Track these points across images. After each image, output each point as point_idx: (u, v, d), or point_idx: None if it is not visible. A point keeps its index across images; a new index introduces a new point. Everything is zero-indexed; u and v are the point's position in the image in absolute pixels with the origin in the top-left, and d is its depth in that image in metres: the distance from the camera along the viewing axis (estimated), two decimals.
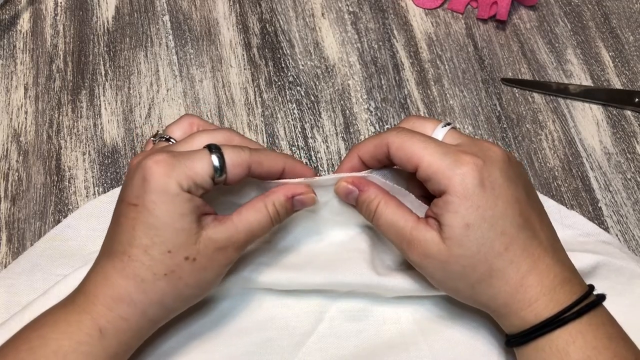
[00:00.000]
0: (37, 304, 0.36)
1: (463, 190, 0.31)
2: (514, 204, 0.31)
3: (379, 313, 0.38)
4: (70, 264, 0.39)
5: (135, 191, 0.31)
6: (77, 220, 0.41)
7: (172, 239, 0.31)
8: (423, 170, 0.32)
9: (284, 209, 0.34)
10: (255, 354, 0.37)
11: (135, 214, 0.31)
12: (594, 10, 0.50)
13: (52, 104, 0.46)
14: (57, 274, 0.39)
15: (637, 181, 0.44)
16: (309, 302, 0.38)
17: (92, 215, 0.41)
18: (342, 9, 0.50)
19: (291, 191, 0.34)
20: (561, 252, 0.33)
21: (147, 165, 0.31)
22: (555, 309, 0.31)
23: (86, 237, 0.41)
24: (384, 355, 0.37)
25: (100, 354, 0.30)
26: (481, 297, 0.33)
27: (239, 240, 0.33)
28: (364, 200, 0.35)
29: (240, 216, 0.33)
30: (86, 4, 0.50)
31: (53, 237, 0.41)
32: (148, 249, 0.31)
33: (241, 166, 0.32)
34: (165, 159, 0.31)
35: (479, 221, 0.31)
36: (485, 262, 0.31)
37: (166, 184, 0.30)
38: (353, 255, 0.38)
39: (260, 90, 0.47)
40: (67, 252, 0.40)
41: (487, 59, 0.48)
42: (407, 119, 0.36)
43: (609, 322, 0.32)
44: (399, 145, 0.33)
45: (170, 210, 0.30)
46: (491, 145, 0.33)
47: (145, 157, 0.31)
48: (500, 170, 0.31)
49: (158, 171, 0.30)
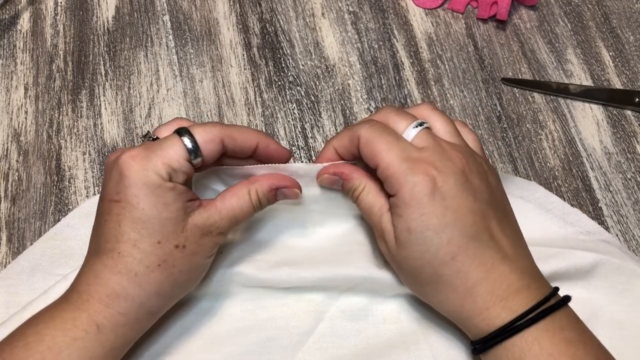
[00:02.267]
0: (37, 303, 0.36)
1: (410, 197, 0.31)
2: (466, 214, 0.31)
3: (379, 312, 0.38)
4: (70, 263, 0.39)
5: (115, 188, 0.31)
6: (76, 219, 0.41)
7: (160, 229, 0.31)
8: (381, 171, 0.33)
9: (265, 199, 0.35)
10: (256, 354, 0.37)
11: (119, 209, 0.31)
12: (594, 10, 0.50)
13: (52, 104, 0.46)
14: (57, 273, 0.39)
15: (637, 181, 0.44)
16: (309, 302, 0.38)
17: (90, 213, 0.41)
18: (342, 8, 0.50)
19: (276, 183, 0.35)
20: (524, 259, 0.33)
21: (123, 160, 0.31)
22: (508, 317, 0.31)
23: (85, 235, 0.40)
24: (384, 354, 0.37)
25: (97, 349, 0.30)
26: (431, 299, 0.34)
27: (223, 225, 0.33)
28: (350, 188, 0.35)
29: (223, 202, 0.33)
30: (86, 4, 0.50)
31: (52, 236, 0.41)
32: (137, 243, 0.31)
33: (214, 142, 0.33)
34: (139, 152, 0.31)
35: (421, 228, 0.31)
36: (430, 267, 0.32)
37: (145, 176, 0.31)
38: (353, 249, 0.39)
39: (261, 90, 0.47)
40: (67, 252, 0.40)
41: (487, 59, 0.48)
42: (384, 110, 0.36)
43: (569, 326, 0.31)
44: (366, 141, 0.33)
45: (154, 202, 0.31)
46: (455, 154, 0.33)
47: (120, 154, 0.32)
48: (456, 181, 0.32)
49: (134, 165, 0.31)
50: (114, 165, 0.31)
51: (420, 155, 0.32)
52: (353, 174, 0.35)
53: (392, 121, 0.34)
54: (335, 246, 0.39)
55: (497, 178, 0.35)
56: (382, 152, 0.32)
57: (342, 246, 0.39)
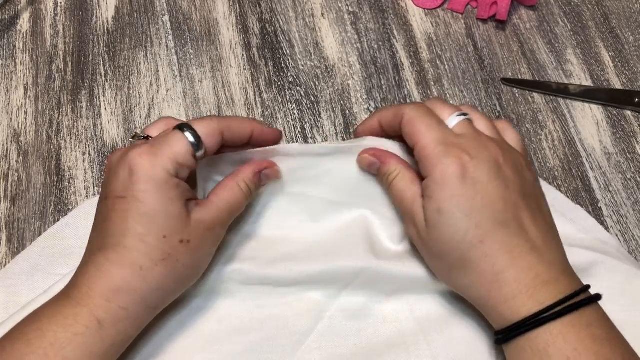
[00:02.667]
0: (37, 303, 0.36)
1: (441, 178, 0.32)
2: (496, 201, 0.32)
3: (378, 312, 0.38)
4: (69, 263, 0.39)
5: (122, 184, 0.32)
6: (75, 218, 0.41)
7: (166, 224, 0.32)
8: (418, 151, 0.34)
9: (253, 184, 0.36)
10: (255, 353, 0.37)
11: (125, 205, 0.31)
12: (594, 10, 0.50)
13: (52, 104, 0.46)
14: (56, 273, 0.39)
15: (637, 181, 0.44)
16: (309, 301, 0.38)
17: (90, 213, 0.41)
18: (342, 9, 0.50)
19: (257, 167, 0.37)
20: (554, 252, 0.33)
21: (131, 157, 0.32)
22: (534, 308, 0.31)
23: (85, 235, 0.40)
24: (384, 354, 0.37)
25: (98, 344, 0.31)
26: (458, 283, 0.34)
27: (223, 218, 0.35)
28: (385, 172, 0.37)
29: (218, 197, 0.35)
30: (86, 4, 0.50)
31: (51, 236, 0.41)
32: (144, 237, 0.31)
33: (214, 135, 0.34)
34: (146, 149, 0.32)
35: (452, 209, 0.32)
36: (458, 250, 0.32)
37: (154, 172, 0.31)
38: (351, 241, 0.39)
39: (260, 90, 0.47)
40: (66, 251, 0.40)
41: (487, 59, 0.48)
42: (432, 100, 0.37)
43: (597, 324, 0.31)
44: (409, 119, 0.35)
45: (161, 197, 0.32)
46: (491, 144, 0.34)
47: (125, 153, 0.32)
48: (489, 169, 0.32)
49: (143, 162, 0.31)
50: (121, 164, 0.32)
51: (457, 141, 0.33)
52: (390, 159, 0.37)
53: (438, 108, 0.36)
54: (333, 239, 0.39)
55: (533, 175, 0.35)
56: (421, 132, 0.34)
57: (341, 239, 0.39)
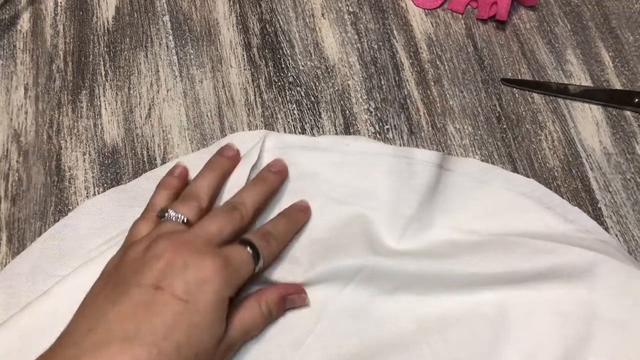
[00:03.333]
0: (36, 305, 0.36)
1: None
2: None
3: (379, 312, 0.38)
4: (69, 264, 0.39)
5: (185, 286, 0.31)
6: (74, 219, 0.41)
7: (205, 342, 0.31)
8: None
9: (276, 309, 0.36)
10: (254, 352, 0.37)
11: (183, 309, 0.30)
12: (593, 10, 0.50)
13: (52, 104, 0.46)
14: (56, 274, 0.39)
15: (637, 182, 0.44)
16: (309, 300, 0.38)
17: (89, 213, 0.41)
18: (342, 9, 0.50)
19: (284, 291, 0.37)
20: None
21: (206, 266, 0.31)
22: None
23: (85, 235, 0.41)
24: (384, 354, 0.37)
25: None
26: None
27: (236, 338, 0.34)
28: None
29: (237, 315, 0.34)
30: (86, 4, 0.50)
31: (51, 236, 0.41)
32: (180, 348, 0.30)
33: (272, 258, 0.36)
34: (223, 265, 0.32)
35: None
36: None
37: (223, 293, 0.32)
38: (351, 240, 0.39)
39: (260, 90, 0.47)
40: (66, 252, 0.40)
41: (487, 59, 0.48)
42: None
43: None
44: None
45: (216, 316, 0.31)
46: None
47: (186, 244, 0.32)
48: None
49: (219, 278, 0.31)
50: (190, 262, 0.31)
51: None
52: None
53: None
54: (333, 237, 0.39)
55: None
56: None
57: (340, 237, 0.39)
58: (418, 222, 0.40)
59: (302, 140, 0.43)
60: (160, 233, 0.34)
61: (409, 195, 0.40)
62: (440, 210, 0.41)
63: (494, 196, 0.42)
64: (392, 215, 0.40)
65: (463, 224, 0.41)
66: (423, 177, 0.41)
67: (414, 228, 0.40)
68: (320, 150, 0.42)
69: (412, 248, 0.39)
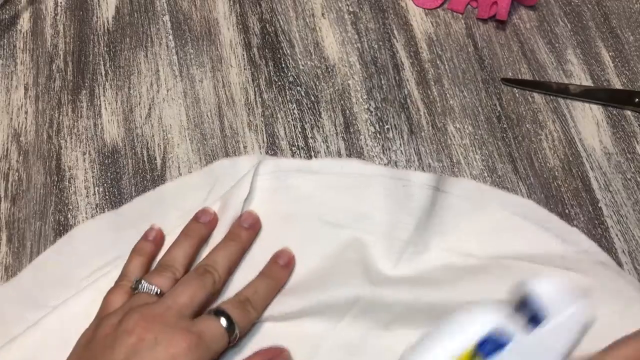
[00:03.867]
0: (25, 336, 0.35)
1: None
2: None
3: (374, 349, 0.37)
4: (60, 293, 0.38)
5: None
6: (65, 245, 0.40)
7: None
8: None
9: None
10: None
11: None
12: (594, 10, 0.50)
13: (52, 104, 0.46)
14: (47, 305, 0.38)
15: (637, 181, 0.44)
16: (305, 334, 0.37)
17: (80, 239, 0.41)
18: (342, 9, 0.50)
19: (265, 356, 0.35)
20: None
21: (177, 343, 0.31)
22: None
23: (76, 262, 0.40)
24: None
25: None
26: None
27: None
28: None
29: None
30: (86, 4, 0.50)
31: (42, 263, 0.40)
32: None
33: (249, 326, 0.35)
34: (197, 343, 0.31)
35: None
36: None
37: None
38: (347, 267, 0.38)
39: (261, 90, 0.47)
40: (57, 281, 0.39)
41: (487, 59, 0.48)
42: None
43: None
44: None
45: None
46: None
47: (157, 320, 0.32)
48: None
49: (190, 356, 0.31)
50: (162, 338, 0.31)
51: None
52: None
53: None
54: (329, 265, 0.38)
55: None
56: None
57: (336, 265, 0.38)
58: (414, 246, 0.40)
59: (297, 164, 0.42)
60: (132, 306, 0.33)
61: (405, 219, 0.40)
62: (436, 233, 0.40)
63: (491, 217, 0.41)
64: (388, 239, 0.39)
65: (460, 247, 0.40)
66: (419, 199, 0.40)
67: (410, 252, 0.39)
68: (315, 173, 0.42)
69: (409, 274, 0.38)
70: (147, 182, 0.44)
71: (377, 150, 0.45)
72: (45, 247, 0.41)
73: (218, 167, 0.43)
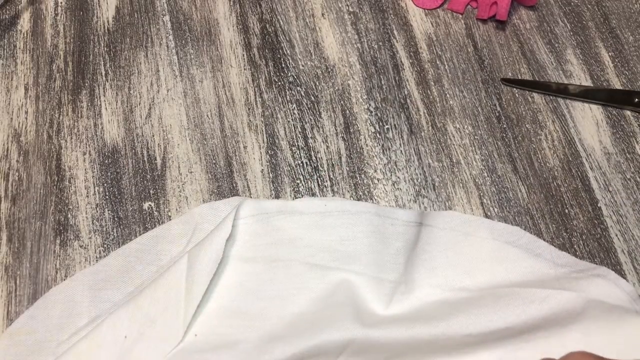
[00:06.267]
0: None
1: None
2: None
3: None
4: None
5: None
6: (41, 309, 0.39)
7: None
8: None
9: None
10: None
11: None
12: (593, 10, 0.50)
13: (53, 104, 0.46)
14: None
15: (637, 181, 0.44)
16: None
17: (57, 301, 0.39)
18: (342, 9, 0.50)
19: None
20: None
21: None
22: None
23: (54, 326, 0.38)
24: None
25: None
26: None
27: None
28: None
29: None
30: (86, 4, 0.50)
31: (17, 330, 0.38)
32: None
33: None
34: None
35: None
36: None
37: None
38: (337, 310, 0.37)
39: (261, 90, 0.47)
40: (35, 348, 0.37)
41: (487, 59, 0.48)
42: None
43: None
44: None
45: None
46: None
47: None
48: None
49: None
50: None
51: None
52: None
53: None
54: (319, 310, 0.38)
55: None
56: None
57: (326, 308, 0.37)
58: (405, 285, 0.39)
59: (278, 204, 0.41)
60: None
61: (393, 259, 0.39)
62: (426, 270, 0.40)
63: (480, 248, 0.40)
64: (377, 281, 0.39)
65: (451, 282, 0.39)
66: (406, 238, 0.40)
67: (401, 292, 0.39)
68: (298, 214, 0.41)
69: (402, 313, 0.37)
70: (147, 182, 0.44)
71: (377, 150, 0.45)
72: (46, 247, 0.41)
73: (197, 215, 0.42)
